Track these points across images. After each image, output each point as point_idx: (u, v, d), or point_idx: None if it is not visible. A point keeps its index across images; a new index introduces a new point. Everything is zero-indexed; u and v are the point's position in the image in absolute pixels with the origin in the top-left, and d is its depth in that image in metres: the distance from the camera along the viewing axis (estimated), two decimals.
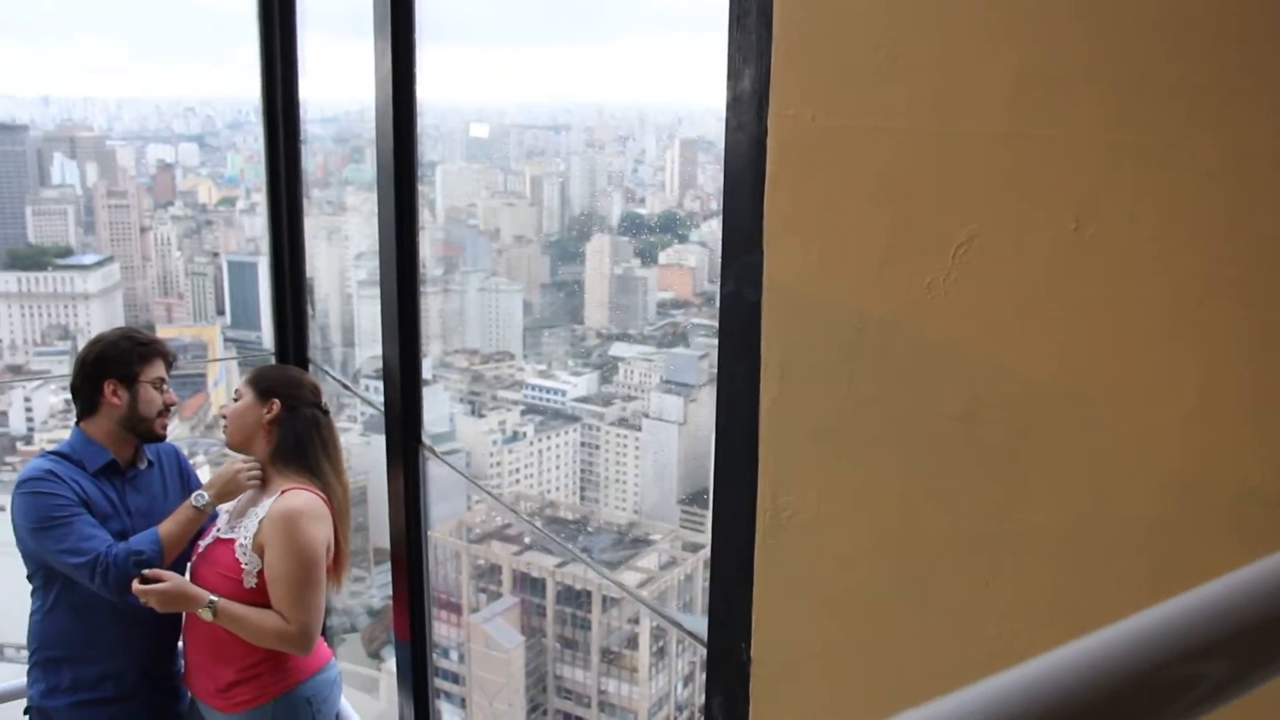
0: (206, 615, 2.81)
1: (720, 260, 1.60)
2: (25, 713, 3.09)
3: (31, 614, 3.02)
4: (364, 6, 3.03)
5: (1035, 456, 1.26)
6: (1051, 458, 1.25)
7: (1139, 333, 1.15)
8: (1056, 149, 1.22)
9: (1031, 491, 1.27)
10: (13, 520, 2.89)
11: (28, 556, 2.94)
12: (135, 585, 2.79)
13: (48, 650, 3.01)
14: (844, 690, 1.59)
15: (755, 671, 1.66)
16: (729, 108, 1.55)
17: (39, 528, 2.84)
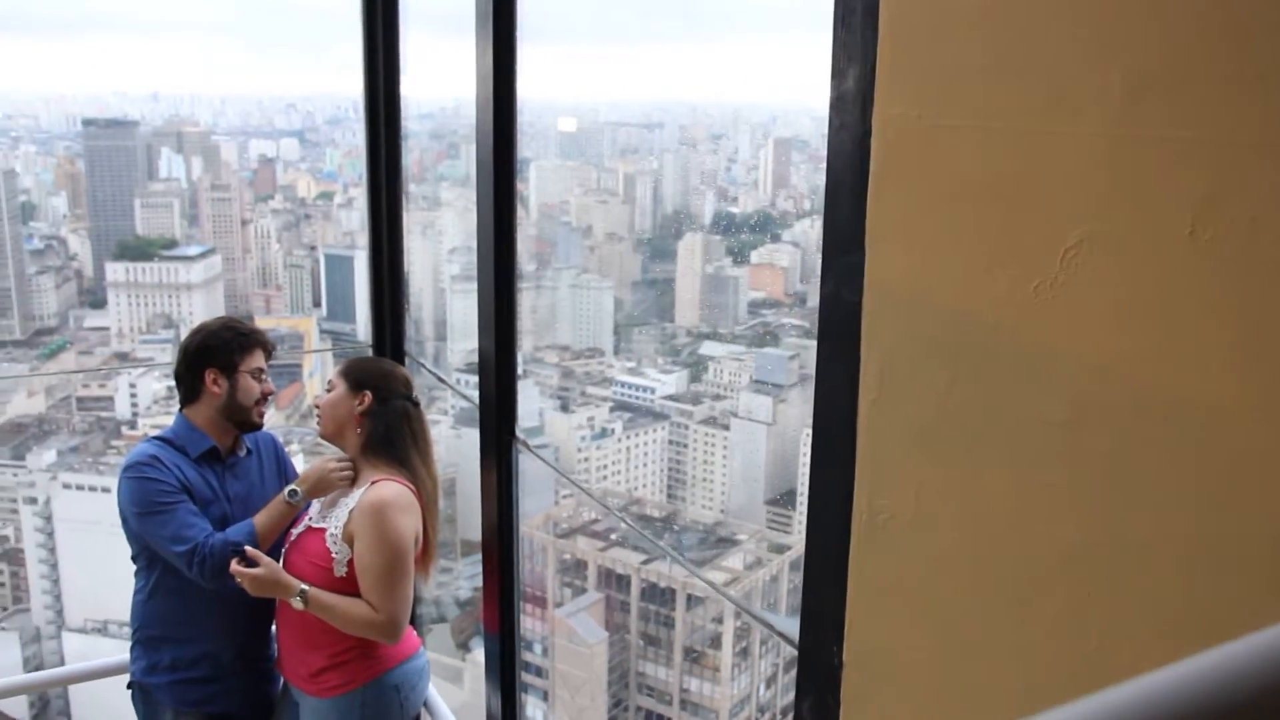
0: (298, 604, 2.87)
1: (820, 260, 1.59)
2: (128, 687, 3.19)
3: (135, 594, 3.12)
4: (466, 5, 3.06)
5: (1143, 466, 1.23)
6: (1160, 468, 1.22)
7: (1258, 341, 1.12)
8: (1171, 150, 1.19)
9: (1138, 502, 1.24)
10: (118, 503, 2.99)
11: (132, 538, 3.04)
12: (234, 565, 2.85)
13: (149, 629, 3.11)
14: (937, 699, 1.57)
15: (847, 676, 1.65)
16: (832, 107, 1.54)
17: (143, 513, 2.93)
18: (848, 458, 1.57)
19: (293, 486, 3.04)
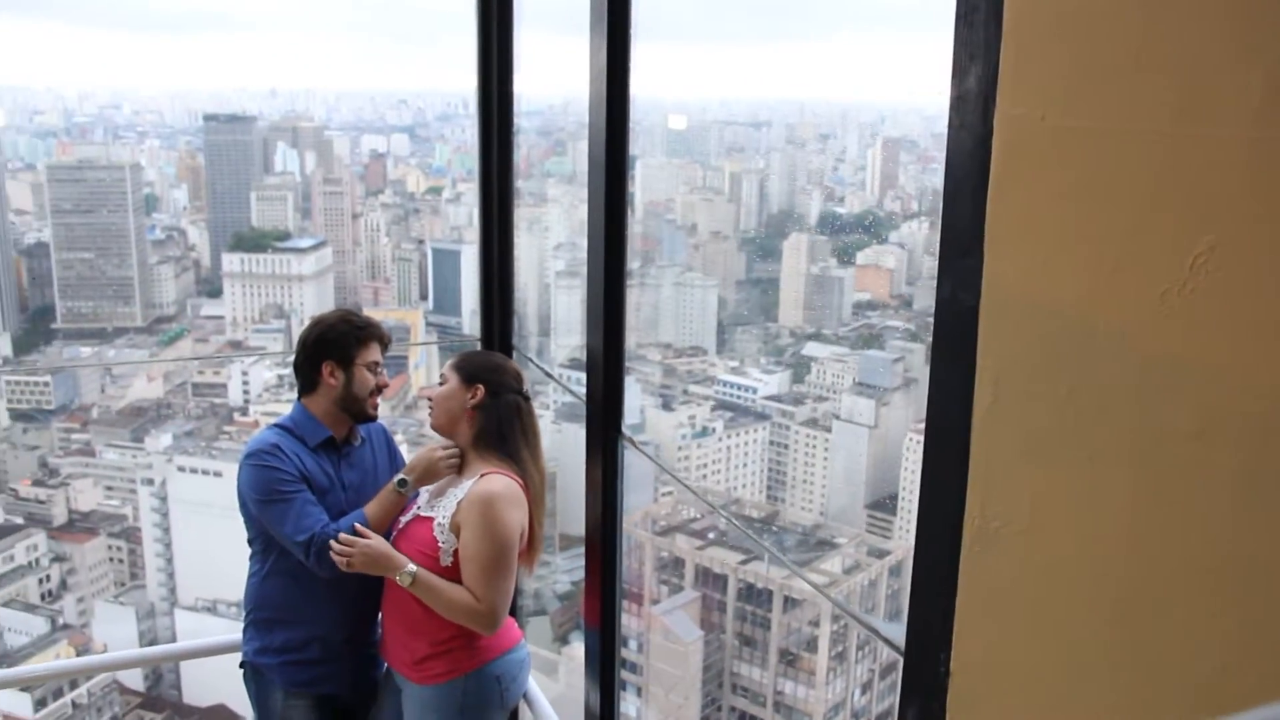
0: (404, 580, 2.92)
1: (937, 263, 1.57)
2: (240, 666, 3.28)
3: (249, 576, 3.20)
4: (580, 3, 3.08)
5: (1276, 482, 1.19)
6: None
7: None
8: None
9: (1271, 520, 1.19)
10: (239, 488, 3.08)
11: (250, 523, 3.12)
12: (340, 541, 2.92)
13: (262, 611, 3.19)
14: (1046, 713, 1.54)
15: (954, 684, 1.62)
16: (952, 107, 1.52)
17: (264, 500, 3.01)
18: (960, 464, 1.54)
19: (401, 476, 3.09)
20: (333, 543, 2.93)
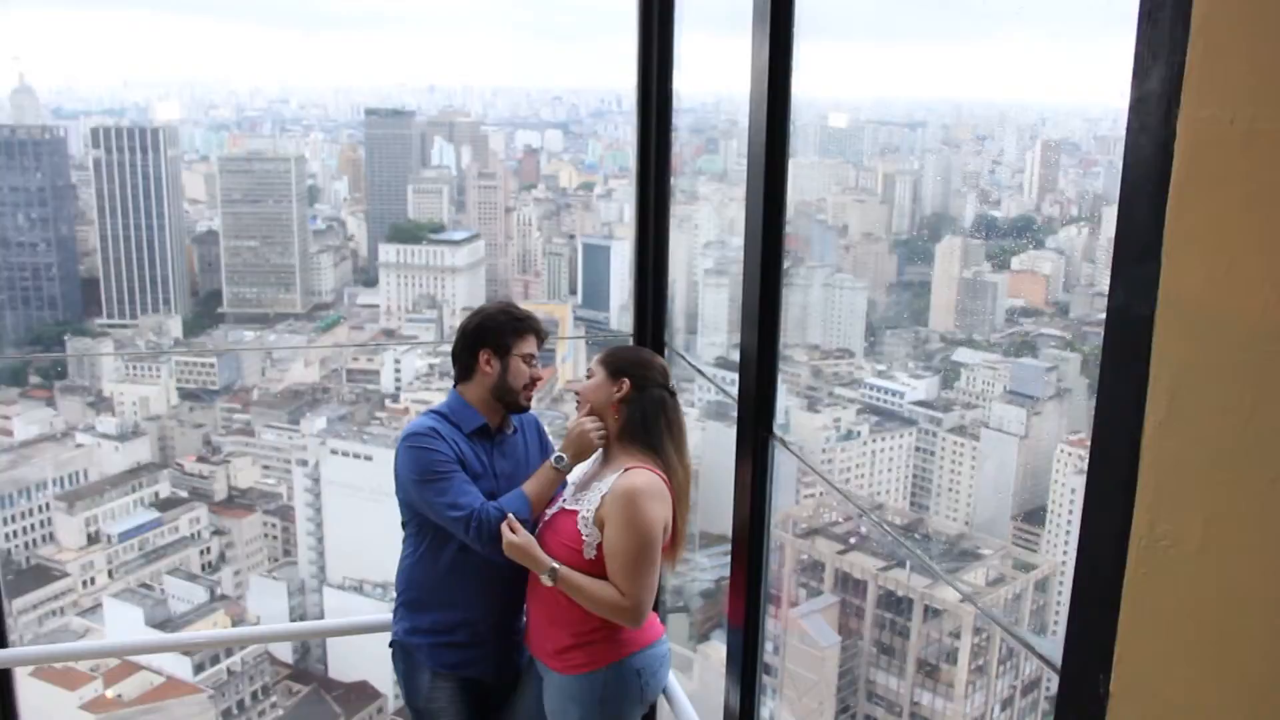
0: (547, 581, 2.95)
1: (1110, 270, 1.51)
2: (390, 645, 3.37)
3: (402, 558, 3.28)
4: (740, 2, 3.07)
5: None
6: None
7: None
8: None
9: None
10: (396, 470, 3.16)
11: (405, 505, 3.20)
12: (504, 525, 2.98)
13: (412, 593, 3.27)
14: None
15: (1113, 707, 1.57)
16: (1132, 108, 1.46)
17: (421, 480, 3.08)
18: (1128, 479, 1.49)
19: (558, 453, 3.13)
20: (505, 526, 2.99)
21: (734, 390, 3.37)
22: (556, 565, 2.95)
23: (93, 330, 39.06)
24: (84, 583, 31.33)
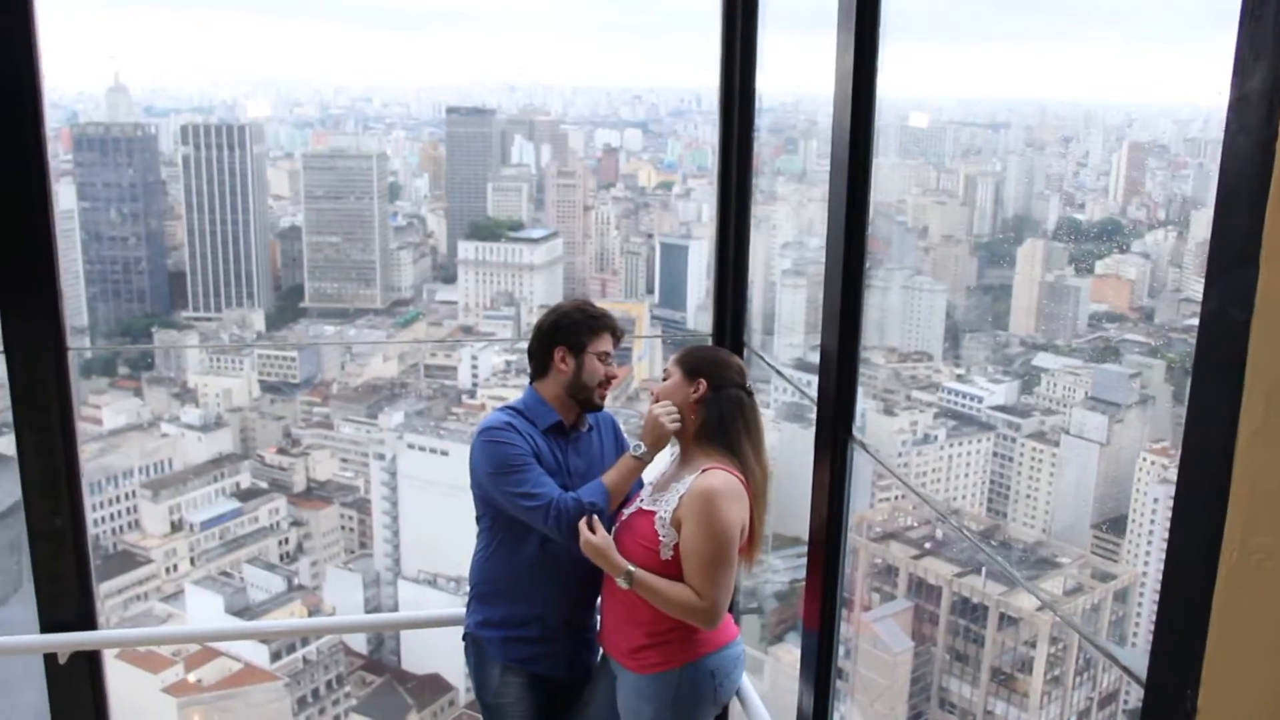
0: (623, 584, 2.96)
1: (1204, 275, 1.48)
2: (463, 638, 3.40)
3: (476, 552, 3.32)
4: (825, 1, 3.05)
5: None
6: None
7: None
8: None
9: None
10: (472, 464, 3.19)
11: (480, 499, 3.23)
12: (582, 523, 3.00)
13: (485, 586, 3.30)
14: None
15: None
16: (1231, 109, 1.43)
17: (498, 472, 3.10)
18: (1220, 490, 1.46)
19: (636, 442, 3.14)
20: (583, 524, 3.01)
21: (812, 391, 3.35)
22: (633, 569, 2.96)
23: (179, 323, 39.96)
24: (167, 569, 32.08)
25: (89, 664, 3.93)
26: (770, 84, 4.06)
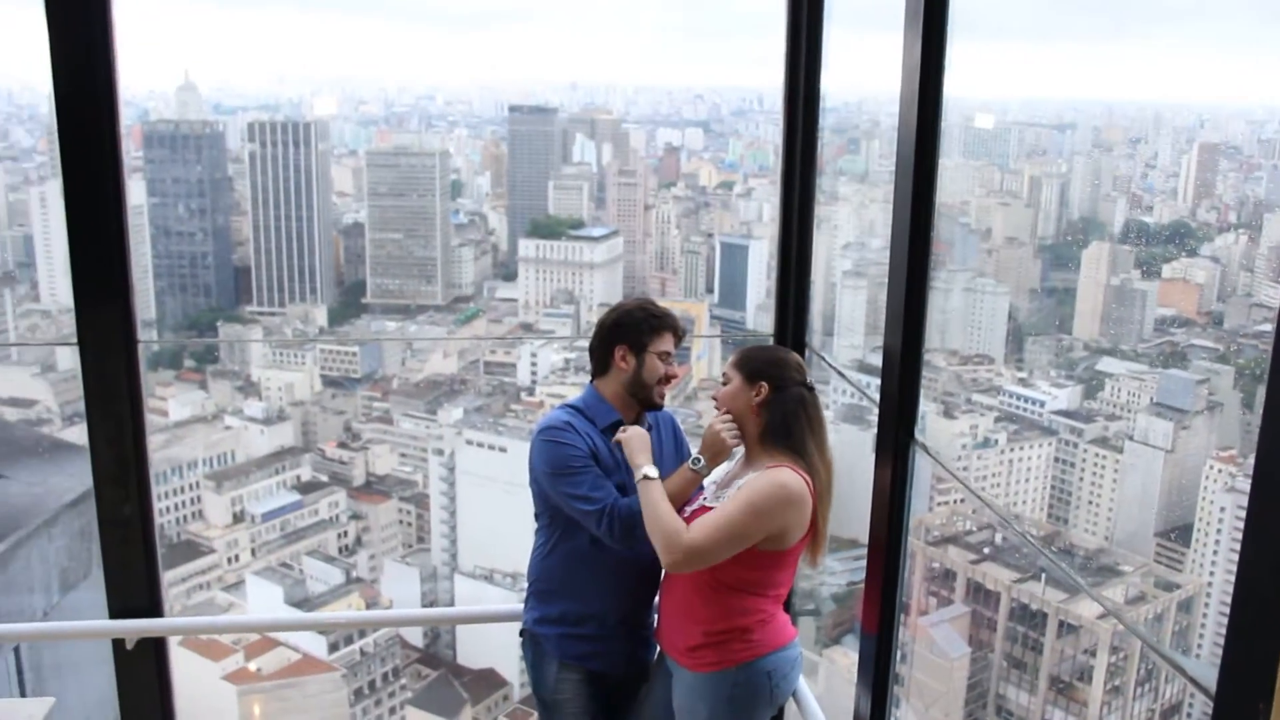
0: (637, 475, 2.96)
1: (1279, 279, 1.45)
2: (520, 634, 3.41)
3: (534, 549, 3.33)
4: (892, 1, 3.02)
5: None
6: None
7: None
8: None
9: None
10: (531, 463, 3.20)
11: (539, 497, 3.24)
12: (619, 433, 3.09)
13: (543, 584, 3.31)
14: None
15: None
16: None
17: (555, 473, 3.11)
18: None
19: (695, 455, 3.13)
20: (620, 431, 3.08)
21: (872, 393, 3.32)
22: (653, 473, 2.95)
23: (243, 317, 40.59)
24: (228, 559, 32.61)
25: (155, 650, 3.99)
26: (834, 83, 4.03)
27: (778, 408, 3.02)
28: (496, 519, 29.31)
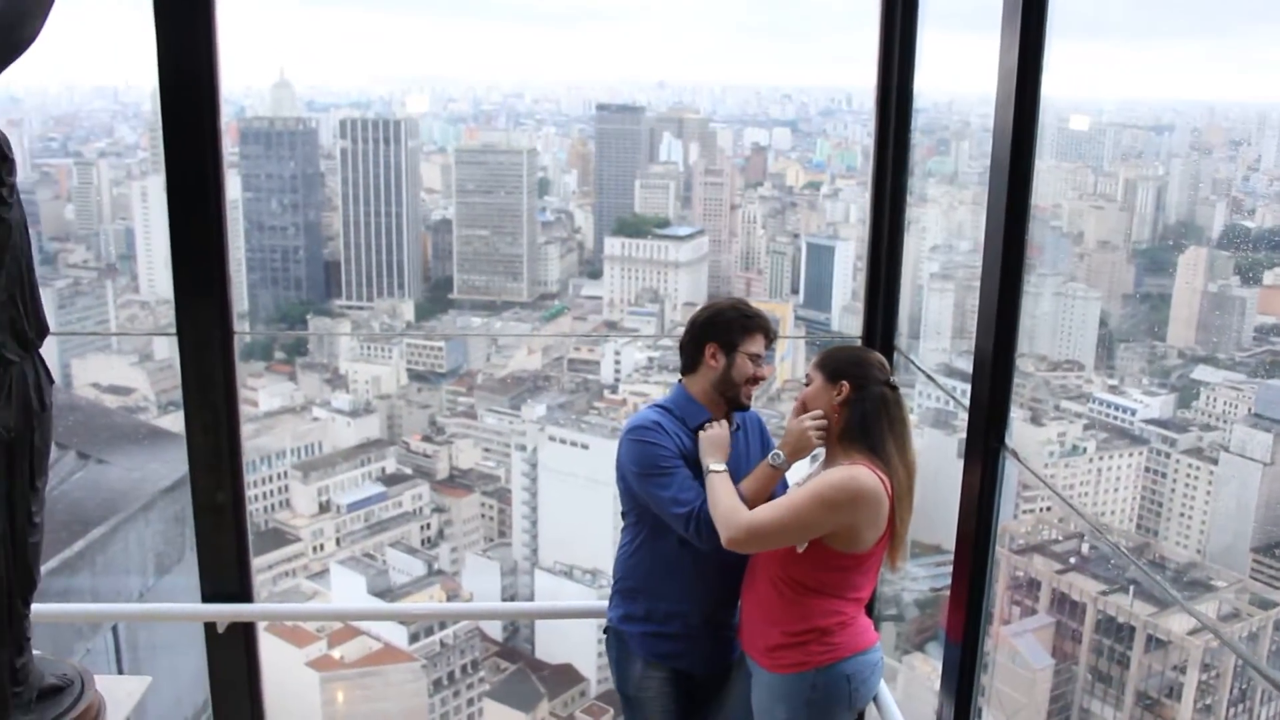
0: (705, 466, 3.02)
1: None
2: (604, 631, 3.43)
3: (620, 547, 3.34)
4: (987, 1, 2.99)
5: None
6: None
7: None
8: None
9: None
10: (619, 461, 3.21)
11: (626, 495, 3.25)
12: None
13: (629, 581, 3.32)
14: None
15: None
16: None
17: (645, 473, 3.13)
18: None
19: (776, 450, 3.11)
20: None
21: (960, 397, 3.28)
22: (721, 468, 2.99)
23: (332, 311, 41.33)
24: (314, 548, 33.24)
25: (244, 634, 4.09)
26: (925, 83, 3.99)
27: (858, 407, 3.00)
28: (577, 515, 29.47)
